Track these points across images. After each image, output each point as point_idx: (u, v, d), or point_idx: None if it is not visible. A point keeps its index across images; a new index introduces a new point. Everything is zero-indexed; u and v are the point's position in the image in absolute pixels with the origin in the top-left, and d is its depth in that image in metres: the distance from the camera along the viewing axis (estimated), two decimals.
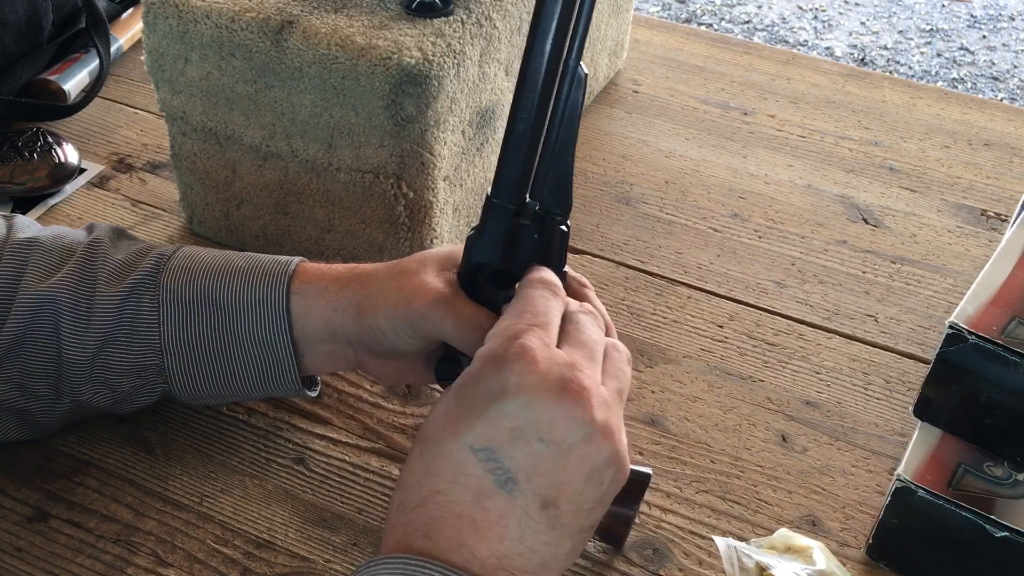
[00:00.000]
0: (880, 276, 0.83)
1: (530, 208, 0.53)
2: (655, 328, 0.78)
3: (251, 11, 0.70)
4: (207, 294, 0.60)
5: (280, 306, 0.60)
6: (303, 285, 0.60)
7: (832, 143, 0.97)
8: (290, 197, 0.77)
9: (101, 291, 0.60)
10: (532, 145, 0.52)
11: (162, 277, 0.61)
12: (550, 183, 0.53)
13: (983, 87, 2.82)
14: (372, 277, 0.59)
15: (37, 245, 0.62)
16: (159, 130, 0.94)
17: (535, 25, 0.49)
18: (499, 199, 0.53)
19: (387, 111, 0.68)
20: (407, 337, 0.57)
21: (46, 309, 0.60)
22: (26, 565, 0.60)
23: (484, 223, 0.54)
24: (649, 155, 0.95)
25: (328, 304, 0.59)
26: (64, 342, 0.60)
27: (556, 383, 0.46)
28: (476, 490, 0.46)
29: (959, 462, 0.61)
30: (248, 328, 0.60)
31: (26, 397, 0.61)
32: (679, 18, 3.07)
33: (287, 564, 0.61)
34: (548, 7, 0.49)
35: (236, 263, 0.61)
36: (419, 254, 0.60)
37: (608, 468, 0.47)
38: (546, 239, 0.54)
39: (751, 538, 0.62)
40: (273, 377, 0.61)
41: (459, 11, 0.70)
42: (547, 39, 0.49)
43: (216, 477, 0.66)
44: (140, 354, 0.60)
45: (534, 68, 0.50)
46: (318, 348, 0.61)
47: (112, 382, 0.61)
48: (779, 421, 0.71)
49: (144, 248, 0.63)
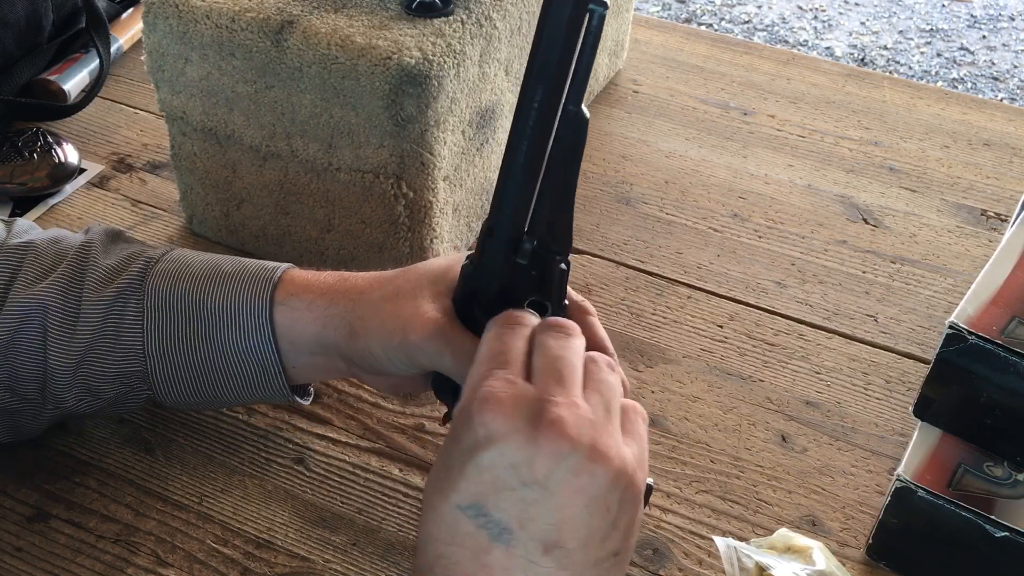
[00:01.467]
0: (880, 276, 0.83)
1: (527, 249, 0.52)
2: (655, 328, 0.78)
3: (251, 11, 0.70)
4: (191, 300, 0.59)
5: (263, 314, 0.58)
6: (290, 296, 0.59)
7: (832, 143, 0.97)
8: (290, 197, 0.77)
9: (88, 297, 0.59)
10: (528, 186, 0.50)
11: (148, 282, 0.60)
12: (550, 221, 0.52)
13: (983, 87, 2.82)
14: (364, 296, 0.58)
15: (31, 249, 0.62)
16: (159, 130, 0.94)
17: (530, 66, 0.47)
18: (494, 236, 0.52)
19: (387, 111, 0.68)
20: (401, 364, 0.56)
21: (35, 314, 0.59)
22: (26, 565, 0.60)
23: (480, 257, 0.53)
24: (649, 155, 0.95)
25: (317, 319, 0.58)
26: (50, 349, 0.59)
27: (525, 421, 0.43)
28: (474, 548, 0.44)
29: (959, 462, 0.61)
30: (231, 336, 0.59)
31: (15, 399, 0.60)
32: (679, 18, 3.07)
33: (287, 564, 0.61)
34: (544, 48, 0.47)
35: (222, 269, 0.60)
36: (413, 271, 0.58)
37: (612, 492, 0.43)
38: (544, 276, 0.53)
39: (751, 538, 0.62)
40: (260, 386, 0.60)
41: (459, 11, 0.70)
42: (542, 83, 0.47)
43: (216, 477, 0.66)
44: (124, 360, 0.60)
45: (529, 111, 0.48)
46: (309, 360, 0.60)
47: (96, 388, 0.60)
48: (779, 421, 0.71)
49: (135, 252, 0.62)
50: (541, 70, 0.47)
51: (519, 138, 0.49)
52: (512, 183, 0.50)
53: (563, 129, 0.49)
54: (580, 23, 0.46)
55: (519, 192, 0.50)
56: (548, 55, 0.47)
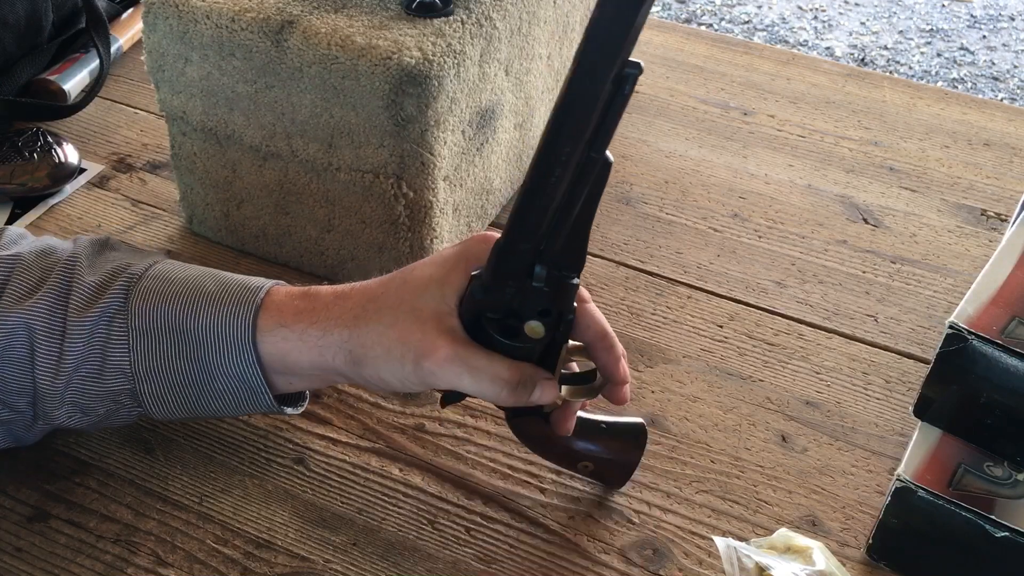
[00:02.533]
0: (880, 276, 0.83)
1: (541, 274, 0.53)
2: (655, 328, 0.78)
3: (251, 11, 0.70)
4: (174, 321, 0.58)
5: (246, 338, 0.57)
6: (277, 326, 0.58)
7: (832, 143, 0.97)
8: (290, 197, 0.77)
9: (72, 317, 0.59)
10: (549, 222, 0.51)
11: (131, 301, 0.59)
12: (565, 247, 0.52)
13: (983, 87, 2.82)
14: (361, 324, 0.56)
15: (19, 262, 0.61)
16: (159, 130, 0.94)
17: (559, 126, 0.47)
18: (509, 266, 0.52)
19: (387, 111, 0.68)
20: (414, 387, 0.56)
21: (21, 333, 0.58)
22: (26, 565, 0.60)
23: (493, 277, 0.54)
24: (649, 155, 0.95)
25: (311, 348, 0.57)
26: (38, 370, 0.59)
27: None
28: None
29: (959, 462, 0.61)
30: (215, 357, 0.58)
31: (6, 411, 0.60)
32: (679, 18, 3.07)
33: (287, 564, 0.61)
34: (578, 111, 0.47)
35: (206, 287, 0.59)
36: (406, 288, 0.57)
37: None
38: (556, 294, 0.54)
39: (751, 538, 0.62)
40: (247, 402, 0.60)
41: (459, 11, 0.70)
42: (576, 142, 0.47)
43: (216, 477, 0.66)
44: (112, 379, 0.59)
45: (554, 165, 0.48)
46: (307, 377, 0.60)
47: (86, 407, 0.60)
48: (779, 421, 0.71)
49: (119, 267, 0.61)
50: (575, 131, 0.47)
51: (542, 180, 0.49)
52: (534, 219, 0.51)
53: (587, 172, 0.49)
54: (617, 88, 0.47)
55: (539, 228, 0.51)
56: (582, 118, 0.47)
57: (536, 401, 0.56)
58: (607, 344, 0.59)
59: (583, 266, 0.54)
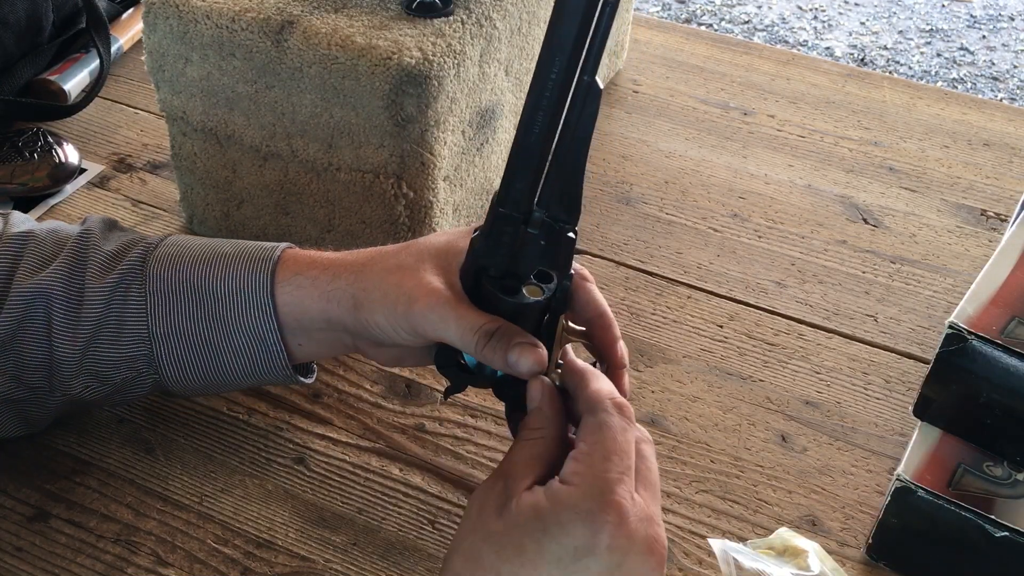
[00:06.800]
0: (880, 276, 0.83)
1: (538, 218, 0.52)
2: (655, 328, 0.78)
3: (251, 11, 0.70)
4: (193, 282, 0.60)
5: (264, 293, 0.59)
6: (293, 275, 0.60)
7: (832, 143, 0.97)
8: (290, 197, 0.77)
9: (90, 283, 0.60)
10: (542, 158, 0.51)
11: (149, 266, 0.60)
12: (560, 192, 0.52)
13: (983, 87, 2.82)
14: (367, 269, 0.59)
15: (32, 238, 0.62)
16: (159, 130, 0.94)
17: (549, 39, 0.48)
18: (506, 208, 0.52)
19: (387, 111, 0.68)
20: (405, 335, 0.57)
21: (39, 302, 0.60)
22: (26, 565, 0.60)
23: (490, 228, 0.54)
24: (649, 155, 0.95)
25: (321, 295, 0.59)
26: (55, 337, 0.60)
27: (644, 544, 0.47)
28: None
29: (959, 462, 0.61)
30: (234, 316, 0.60)
31: (21, 388, 0.61)
32: (679, 18, 3.07)
33: (287, 564, 0.61)
34: (564, 21, 0.47)
35: (222, 250, 0.61)
36: (415, 246, 0.59)
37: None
38: (553, 246, 0.54)
39: (751, 538, 0.62)
40: (263, 364, 0.61)
41: (459, 11, 0.70)
42: (561, 54, 0.48)
43: (216, 477, 0.66)
44: (130, 344, 0.60)
45: (546, 83, 0.48)
46: (314, 335, 0.61)
47: (103, 374, 0.61)
48: (779, 421, 0.71)
49: (134, 239, 0.63)
50: (560, 41, 0.48)
51: (535, 108, 0.49)
52: (526, 154, 0.51)
53: (577, 100, 0.49)
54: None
55: (533, 163, 0.51)
56: (567, 26, 0.47)
57: (514, 366, 0.54)
58: (605, 323, 0.58)
59: (579, 216, 0.53)
